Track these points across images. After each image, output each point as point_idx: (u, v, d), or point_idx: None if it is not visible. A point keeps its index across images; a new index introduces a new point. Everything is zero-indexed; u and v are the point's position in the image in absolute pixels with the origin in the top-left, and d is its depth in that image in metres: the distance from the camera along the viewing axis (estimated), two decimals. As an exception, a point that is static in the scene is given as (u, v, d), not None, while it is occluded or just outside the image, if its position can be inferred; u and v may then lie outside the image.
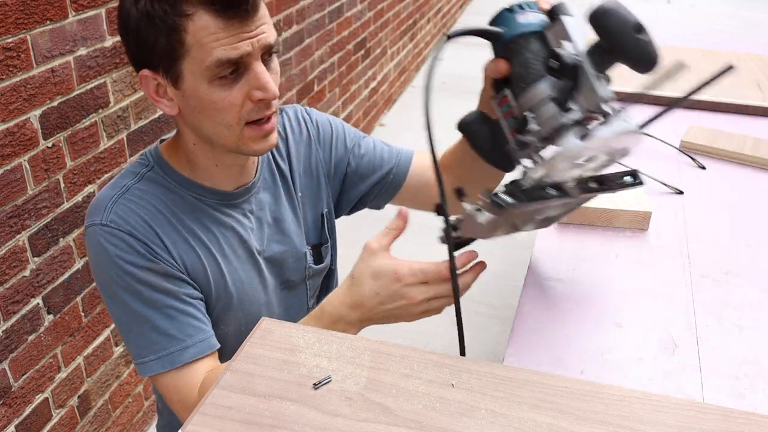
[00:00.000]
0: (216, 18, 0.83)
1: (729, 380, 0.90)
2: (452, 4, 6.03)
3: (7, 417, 1.48)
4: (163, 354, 0.95)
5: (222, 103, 0.89)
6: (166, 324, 0.95)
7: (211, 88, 0.88)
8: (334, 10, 3.11)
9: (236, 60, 0.86)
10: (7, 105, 1.35)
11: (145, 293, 0.94)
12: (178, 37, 0.85)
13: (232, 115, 0.90)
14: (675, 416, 0.69)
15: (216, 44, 0.84)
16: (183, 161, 1.01)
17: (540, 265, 1.13)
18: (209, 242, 1.01)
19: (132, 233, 0.93)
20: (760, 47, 2.34)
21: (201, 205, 1.01)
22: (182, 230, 0.98)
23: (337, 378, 0.73)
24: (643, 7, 2.87)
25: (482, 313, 2.57)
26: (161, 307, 0.95)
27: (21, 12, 1.35)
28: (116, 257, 0.93)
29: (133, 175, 0.99)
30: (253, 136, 0.93)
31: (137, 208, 0.95)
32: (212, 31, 0.84)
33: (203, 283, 1.00)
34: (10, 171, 1.39)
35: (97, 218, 0.94)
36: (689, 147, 1.55)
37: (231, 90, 0.88)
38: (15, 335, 1.47)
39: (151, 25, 0.85)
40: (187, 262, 0.98)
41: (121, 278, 0.93)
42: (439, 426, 0.67)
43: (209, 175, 1.01)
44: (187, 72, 0.87)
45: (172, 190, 0.99)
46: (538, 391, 0.72)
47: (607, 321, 1.00)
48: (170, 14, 0.83)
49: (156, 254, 0.95)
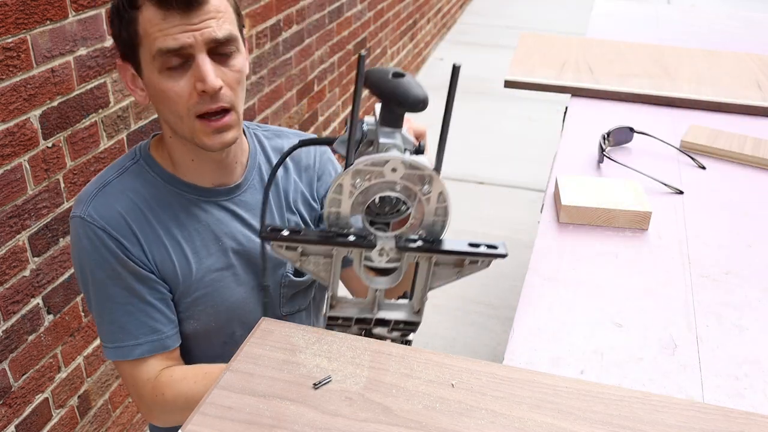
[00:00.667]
0: (158, 10, 0.90)
1: (729, 380, 0.90)
2: (452, 4, 6.03)
3: (7, 417, 1.48)
4: (119, 345, 1.02)
5: (170, 92, 0.94)
6: (124, 318, 1.02)
7: (161, 77, 0.94)
8: (334, 10, 3.11)
9: (176, 50, 0.91)
10: (7, 105, 1.35)
11: (110, 288, 1.01)
12: (134, 29, 0.93)
13: (180, 105, 0.95)
14: (675, 416, 0.69)
15: (159, 34, 0.91)
16: (165, 156, 1.06)
17: (540, 265, 1.13)
18: (182, 238, 1.04)
19: (106, 229, 0.99)
20: (760, 47, 2.34)
21: (179, 199, 1.05)
22: (156, 225, 1.03)
23: (337, 378, 0.73)
24: (643, 7, 2.87)
25: (482, 313, 2.57)
26: (123, 303, 1.01)
27: (21, 12, 1.35)
28: (90, 251, 1.00)
29: (117, 168, 1.04)
30: (203, 129, 0.97)
31: (115, 202, 1.01)
32: (155, 22, 0.91)
33: (171, 278, 1.04)
34: (10, 171, 1.39)
35: (78, 210, 1.00)
36: (689, 147, 1.55)
37: (178, 81, 0.94)
38: (15, 335, 1.47)
39: (117, 18, 0.95)
40: (157, 257, 1.03)
41: (93, 270, 1.01)
42: (439, 426, 0.67)
43: (187, 170, 1.05)
44: (144, 61, 0.95)
45: (152, 183, 1.04)
46: (538, 391, 0.72)
47: (607, 321, 1.00)
48: (127, 8, 0.93)
49: (127, 251, 1.00)
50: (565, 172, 1.41)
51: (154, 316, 1.02)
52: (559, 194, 1.28)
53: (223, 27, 0.94)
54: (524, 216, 3.19)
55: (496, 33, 6.00)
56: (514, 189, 3.45)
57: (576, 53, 2.08)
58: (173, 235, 1.04)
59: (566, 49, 2.12)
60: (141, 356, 1.02)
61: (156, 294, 1.03)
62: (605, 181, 1.34)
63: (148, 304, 1.02)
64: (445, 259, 0.78)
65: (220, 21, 0.93)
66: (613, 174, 1.43)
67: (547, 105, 4.39)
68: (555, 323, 0.99)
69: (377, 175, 0.72)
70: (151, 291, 1.02)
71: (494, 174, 3.57)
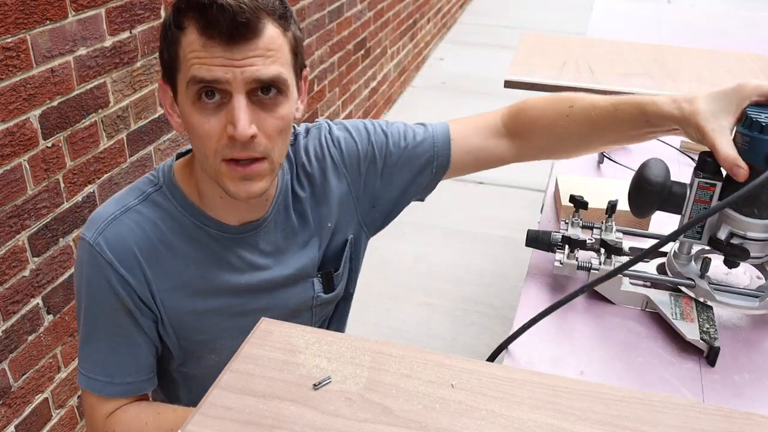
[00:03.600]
0: (200, 35, 0.81)
1: (729, 380, 0.90)
2: (452, 4, 6.03)
3: (7, 417, 1.48)
4: (93, 378, 0.98)
5: (199, 129, 0.85)
6: (107, 355, 0.97)
7: (193, 109, 0.85)
8: (334, 10, 3.11)
9: (210, 82, 0.82)
10: (7, 105, 1.35)
11: (100, 320, 0.96)
12: (176, 50, 0.85)
13: (208, 145, 0.86)
14: (675, 417, 0.68)
15: (196, 61, 0.82)
16: (192, 185, 0.97)
17: (540, 265, 1.13)
18: (195, 279, 0.98)
19: (113, 263, 0.93)
20: (760, 47, 2.34)
21: (201, 234, 0.98)
22: (171, 262, 0.96)
23: (337, 378, 0.73)
24: (643, 7, 2.87)
25: (482, 313, 2.57)
26: (110, 339, 0.97)
27: (21, 12, 1.35)
28: (89, 279, 0.94)
29: (137, 193, 0.97)
30: (229, 174, 0.87)
31: (129, 234, 0.93)
32: (195, 48, 0.82)
33: (174, 321, 0.99)
34: (10, 171, 1.39)
35: (89, 233, 0.93)
36: (689, 147, 1.55)
37: (209, 118, 0.85)
38: (15, 335, 1.47)
39: (163, 36, 0.87)
40: (165, 299, 0.97)
41: (88, 298, 0.96)
42: (439, 426, 0.67)
43: (214, 206, 0.97)
44: (180, 87, 0.86)
45: (173, 216, 0.96)
46: (538, 391, 0.71)
47: (607, 321, 1.00)
48: (172, 26, 0.84)
49: (129, 287, 0.94)
50: (565, 172, 1.41)
51: (137, 358, 0.98)
52: (559, 194, 1.28)
53: (270, 67, 0.83)
54: (524, 216, 3.19)
55: (496, 33, 6.00)
56: (514, 189, 3.45)
57: (576, 53, 2.08)
58: (189, 271, 0.98)
59: (566, 49, 2.11)
60: (109, 396, 0.98)
61: (144, 336, 0.98)
62: (605, 181, 1.34)
63: (134, 345, 0.98)
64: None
65: (269, 60, 0.83)
66: (613, 174, 1.43)
67: (547, 105, 4.39)
68: (555, 323, 0.99)
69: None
70: (140, 331, 0.97)
71: (494, 174, 3.56)
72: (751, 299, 0.96)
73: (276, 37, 0.84)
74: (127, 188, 0.99)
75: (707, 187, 0.90)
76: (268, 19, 0.83)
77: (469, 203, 3.29)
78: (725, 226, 0.90)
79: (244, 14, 0.79)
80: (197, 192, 0.97)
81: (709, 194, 0.90)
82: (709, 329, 0.92)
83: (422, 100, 4.48)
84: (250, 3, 0.80)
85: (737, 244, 0.89)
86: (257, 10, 0.81)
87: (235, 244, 1.00)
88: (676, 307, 0.96)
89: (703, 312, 0.95)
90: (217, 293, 1.00)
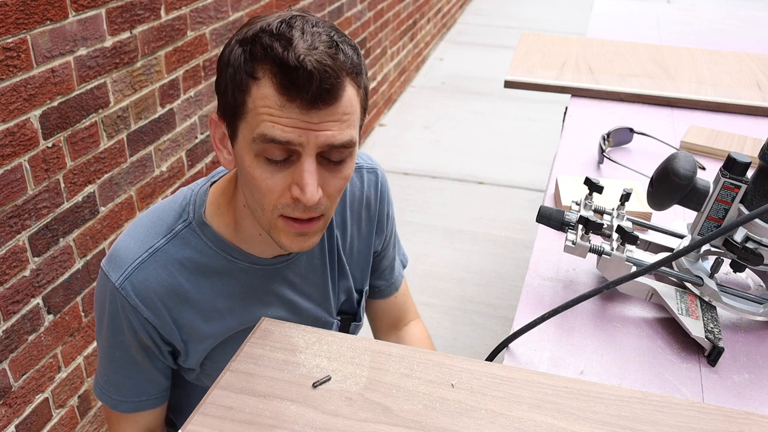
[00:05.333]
0: (278, 94, 0.76)
1: (729, 380, 0.90)
2: (452, 4, 6.03)
3: (7, 417, 1.48)
4: (107, 394, 1.02)
5: (262, 183, 0.81)
6: (122, 379, 1.00)
7: (255, 162, 0.81)
8: (334, 10, 3.11)
9: (282, 143, 0.77)
10: (7, 105, 1.35)
11: (118, 352, 0.98)
12: (243, 98, 0.78)
13: (267, 200, 0.82)
14: (675, 416, 0.69)
15: (268, 119, 0.77)
16: (229, 218, 0.94)
17: (540, 265, 1.13)
18: (222, 312, 0.97)
19: (138, 308, 0.91)
20: (760, 47, 2.34)
21: (230, 268, 0.95)
22: (196, 300, 0.95)
23: (337, 378, 0.73)
24: (643, 7, 2.87)
25: (482, 313, 2.57)
26: (125, 367, 0.99)
27: (21, 12, 1.35)
28: (112, 316, 0.94)
29: (165, 231, 0.93)
30: (285, 229, 0.85)
31: (155, 280, 0.91)
32: (269, 104, 0.76)
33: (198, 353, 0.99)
34: (10, 171, 1.39)
35: (114, 274, 0.91)
36: (689, 147, 1.55)
37: (273, 174, 0.81)
38: (15, 335, 1.47)
39: (228, 72, 0.80)
40: (190, 335, 0.96)
41: (108, 329, 0.96)
42: (439, 426, 0.67)
43: (250, 241, 0.95)
44: (241, 135, 0.81)
45: (203, 252, 0.94)
46: (538, 391, 0.72)
47: (607, 321, 1.00)
48: (243, 70, 0.78)
49: (152, 327, 0.93)
50: (565, 173, 1.41)
51: (151, 383, 1.01)
52: (559, 194, 1.28)
53: (345, 132, 0.79)
54: (524, 216, 3.19)
55: (496, 33, 6.00)
56: (514, 189, 3.45)
57: (576, 53, 2.08)
58: (216, 303, 0.96)
59: (566, 49, 2.12)
60: (124, 412, 1.02)
61: (160, 365, 1.00)
62: (605, 181, 1.34)
63: (149, 374, 1.00)
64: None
65: (344, 125, 0.79)
66: (613, 174, 1.43)
67: (547, 105, 4.39)
68: (555, 323, 0.99)
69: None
70: (156, 364, 0.99)
71: (494, 174, 3.57)
72: (755, 304, 0.96)
73: (352, 98, 0.80)
74: (155, 219, 0.95)
75: (731, 188, 0.90)
76: (347, 79, 0.78)
77: (469, 203, 3.29)
78: (742, 229, 0.90)
79: (329, 80, 0.75)
80: (233, 224, 0.94)
81: (732, 195, 0.90)
82: (713, 329, 0.92)
83: (422, 100, 4.48)
84: (333, 65, 0.75)
85: (752, 249, 0.88)
86: (340, 72, 0.76)
87: (264, 276, 0.98)
88: (682, 302, 0.96)
89: (708, 311, 0.95)
90: (242, 324, 1.00)
